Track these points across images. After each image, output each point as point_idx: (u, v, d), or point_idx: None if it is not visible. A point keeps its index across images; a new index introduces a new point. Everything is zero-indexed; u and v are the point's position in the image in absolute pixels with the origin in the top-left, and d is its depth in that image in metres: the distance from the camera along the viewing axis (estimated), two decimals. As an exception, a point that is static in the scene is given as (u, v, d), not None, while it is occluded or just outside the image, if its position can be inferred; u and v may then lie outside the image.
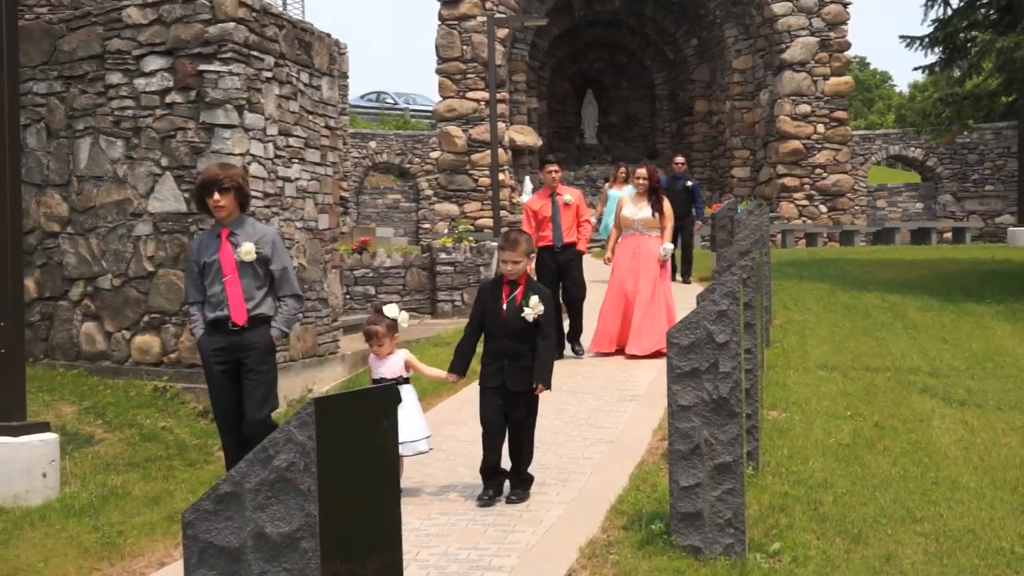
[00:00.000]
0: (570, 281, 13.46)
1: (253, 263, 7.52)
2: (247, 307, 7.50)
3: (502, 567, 6.36)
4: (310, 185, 13.11)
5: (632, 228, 13.77)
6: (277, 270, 7.68)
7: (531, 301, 7.49)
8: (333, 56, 13.94)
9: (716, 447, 6.37)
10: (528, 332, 7.57)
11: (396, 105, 55.11)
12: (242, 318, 7.50)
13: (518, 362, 7.56)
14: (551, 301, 7.90)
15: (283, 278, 7.70)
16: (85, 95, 12.31)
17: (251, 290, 7.54)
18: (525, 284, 7.67)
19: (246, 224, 7.69)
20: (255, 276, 7.57)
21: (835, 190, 32.95)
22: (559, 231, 13.31)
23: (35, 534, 7.55)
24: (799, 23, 32.68)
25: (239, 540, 2.77)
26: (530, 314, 7.47)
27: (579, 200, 13.72)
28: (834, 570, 6.29)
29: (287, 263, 7.78)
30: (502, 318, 7.59)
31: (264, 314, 7.65)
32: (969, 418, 10.65)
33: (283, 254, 7.80)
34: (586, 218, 13.76)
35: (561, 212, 13.35)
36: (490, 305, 7.71)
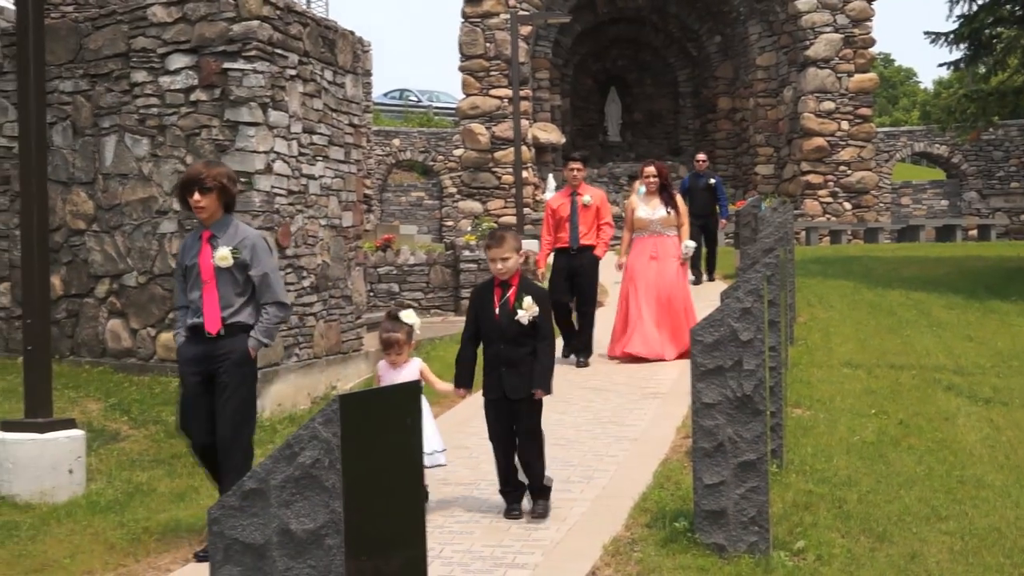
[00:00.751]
0: (581, 289, 13.00)
1: (231, 269, 6.96)
2: (223, 315, 6.93)
3: (526, 564, 6.37)
4: (334, 183, 13.12)
5: (649, 229, 13.31)
6: (257, 276, 7.03)
7: (524, 303, 7.09)
8: (357, 54, 13.96)
9: (740, 445, 6.36)
10: (525, 336, 7.18)
11: (419, 103, 55.22)
12: (215, 326, 6.92)
13: (516, 368, 7.17)
14: (548, 300, 7.52)
15: (264, 284, 7.05)
16: (111, 93, 12.36)
17: (229, 297, 6.99)
18: (518, 284, 7.26)
19: (229, 227, 7.10)
20: (234, 282, 7.00)
21: (859, 187, 32.82)
22: (575, 232, 12.81)
23: (61, 530, 7.59)
24: (823, 20, 32.57)
25: (264, 537, 2.78)
26: (524, 316, 7.08)
27: (601, 201, 13.14)
28: (859, 568, 6.27)
29: (269, 268, 7.14)
30: (496, 322, 7.22)
31: (242, 323, 7.02)
32: (995, 416, 10.61)
33: (265, 259, 7.14)
34: (607, 220, 13.11)
35: (580, 213, 12.84)
36: (483, 309, 7.34)
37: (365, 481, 2.80)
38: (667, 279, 13.07)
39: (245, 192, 11.49)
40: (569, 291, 12.91)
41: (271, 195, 11.72)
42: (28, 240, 8.65)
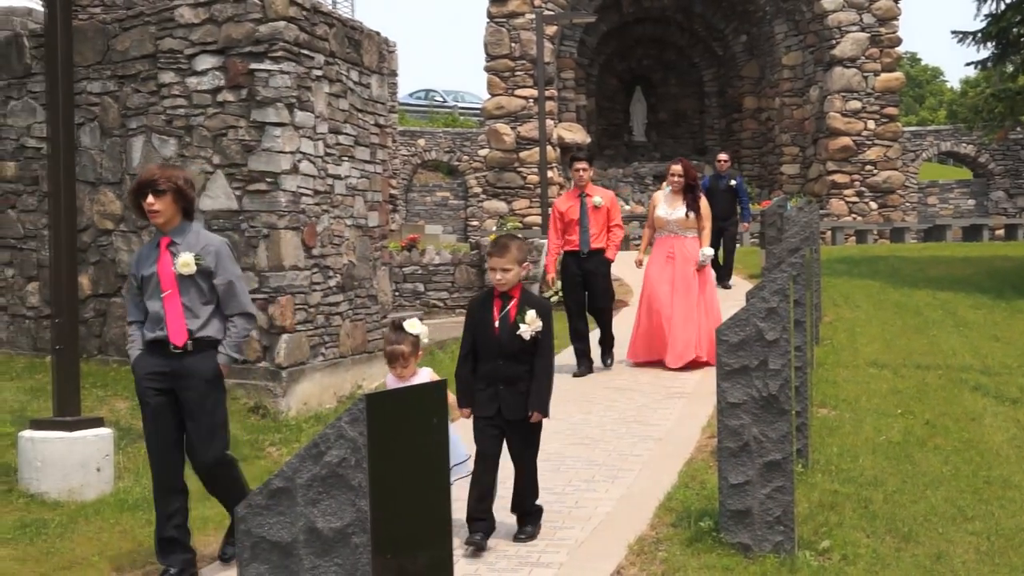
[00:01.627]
0: (596, 291, 12.46)
1: (195, 277, 6.39)
2: (189, 327, 6.38)
3: (551, 563, 6.38)
4: (360, 183, 13.16)
5: (667, 229, 12.76)
6: (222, 284, 6.48)
7: (527, 316, 6.58)
8: (382, 54, 13.99)
9: (766, 444, 6.36)
10: (525, 352, 6.67)
11: (445, 103, 55.28)
12: (181, 339, 6.35)
13: (515, 387, 6.67)
14: (550, 315, 6.83)
15: (229, 294, 6.50)
16: (138, 94, 12.42)
17: (195, 308, 6.42)
18: (520, 297, 6.74)
19: (189, 233, 6.57)
20: (199, 292, 6.45)
21: (886, 187, 32.72)
22: (586, 235, 12.24)
23: (90, 528, 7.63)
24: (849, 19, 32.48)
25: (291, 535, 2.79)
26: (527, 331, 6.57)
27: (611, 203, 12.54)
28: (884, 568, 6.26)
29: (234, 276, 6.57)
30: (494, 337, 6.68)
31: (210, 337, 6.47)
32: (1022, 417, 10.55)
33: (230, 266, 6.56)
34: (617, 222, 12.52)
35: (590, 215, 12.27)
36: (481, 323, 6.78)
37: (391, 480, 2.81)
38: (683, 282, 12.55)
39: (271, 192, 11.55)
40: (582, 297, 12.51)
41: (297, 195, 11.76)
42: (57, 240, 8.70)
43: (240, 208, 11.73)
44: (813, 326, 11.63)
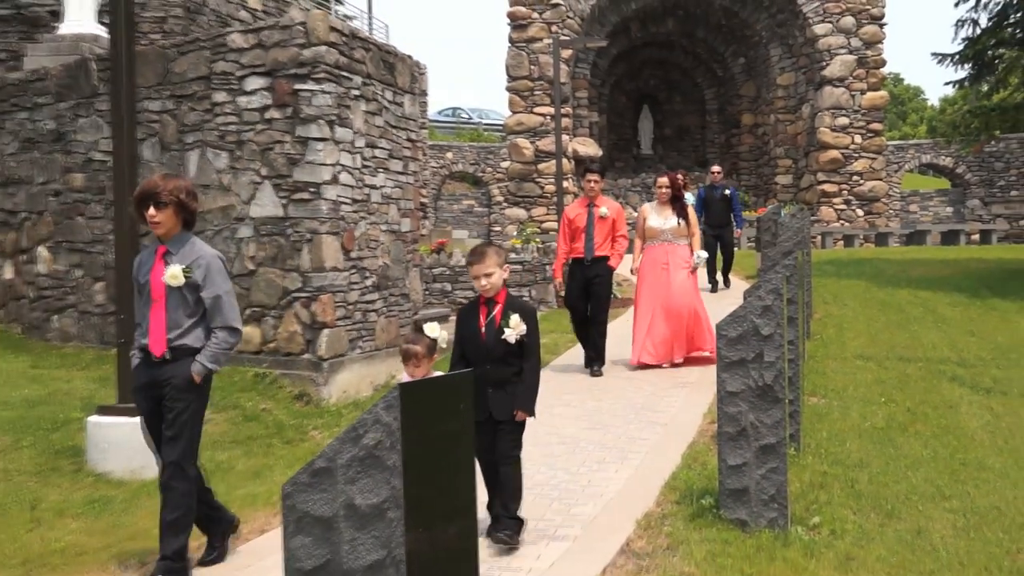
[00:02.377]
0: (594, 298, 11.97)
1: (182, 289, 5.98)
2: (168, 336, 5.97)
3: (566, 536, 6.39)
4: (394, 192, 13.17)
5: (660, 238, 12.32)
6: (208, 298, 6.04)
7: (511, 321, 6.22)
8: (414, 75, 14.00)
9: (761, 429, 6.36)
10: (512, 355, 6.31)
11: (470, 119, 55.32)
12: (160, 348, 5.97)
13: (504, 389, 6.30)
14: (535, 318, 6.46)
15: (215, 307, 6.05)
16: (194, 112, 12.46)
17: (179, 318, 6.01)
18: (504, 302, 6.36)
19: (185, 244, 6.12)
20: (185, 303, 6.02)
21: (871, 196, 32.67)
22: (591, 243, 11.83)
23: (150, 503, 7.66)
24: (838, 42, 32.43)
25: (332, 510, 2.80)
26: (511, 335, 6.21)
27: (617, 214, 12.08)
28: (869, 542, 6.25)
29: (222, 291, 6.10)
30: (481, 342, 6.31)
31: (189, 346, 6.02)
32: (995, 404, 10.53)
33: (219, 281, 6.10)
34: (622, 232, 12.08)
35: (596, 224, 11.86)
36: (469, 329, 6.42)
37: (422, 460, 2.83)
38: (676, 287, 12.15)
39: (314, 201, 11.58)
40: (586, 304, 12.04)
41: (337, 203, 11.78)
42: (121, 244, 8.75)
43: (286, 215, 11.76)
44: (804, 322, 11.60)
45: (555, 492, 7.34)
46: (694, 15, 35.92)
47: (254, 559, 6.38)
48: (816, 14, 32.47)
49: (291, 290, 11.73)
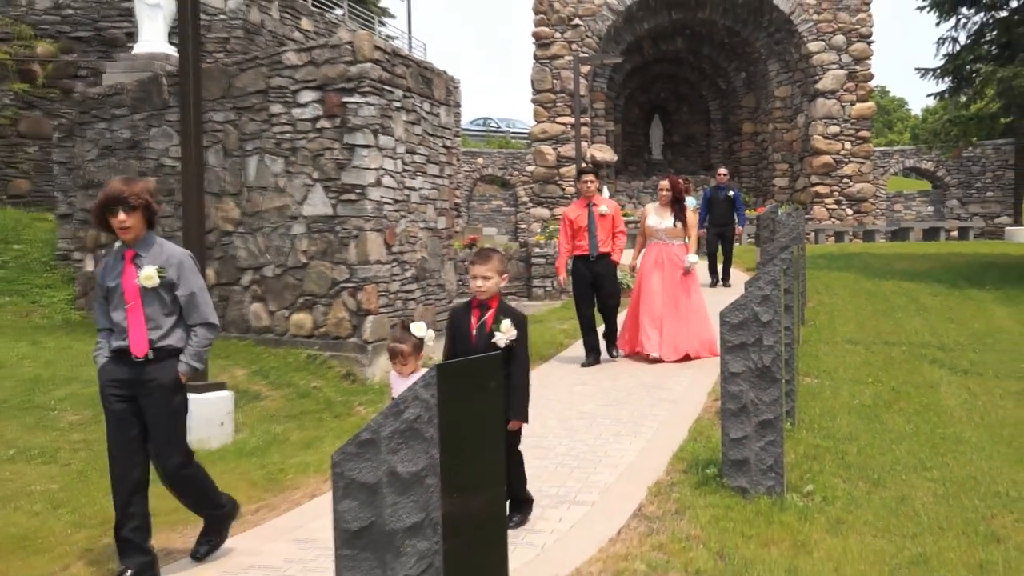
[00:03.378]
0: (604, 291, 11.51)
1: (158, 289, 5.45)
2: (151, 337, 5.43)
3: (585, 501, 6.39)
4: (431, 193, 13.18)
5: (656, 237, 11.79)
6: (184, 296, 5.52)
7: (503, 326, 5.73)
8: (449, 89, 13.99)
9: (760, 406, 6.34)
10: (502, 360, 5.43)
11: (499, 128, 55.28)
12: (142, 349, 5.42)
13: None
14: (526, 326, 5.94)
15: (191, 304, 5.54)
16: (253, 122, 12.50)
17: (157, 318, 5.47)
18: (497, 307, 5.85)
19: (153, 245, 5.56)
20: (162, 303, 5.48)
21: (859, 196, 32.52)
22: (595, 241, 11.33)
23: (214, 471, 7.67)
24: (830, 59, 32.26)
25: (376, 477, 2.81)
26: (501, 339, 5.70)
27: (615, 211, 11.56)
28: (857, 508, 6.24)
29: (196, 288, 5.59)
30: (471, 345, 5.80)
31: (172, 346, 5.50)
32: (971, 384, 10.47)
33: (192, 278, 5.59)
34: (621, 229, 11.58)
35: (597, 222, 11.36)
36: (460, 331, 5.92)
37: (457, 433, 2.83)
38: (670, 285, 11.56)
39: (360, 201, 11.59)
40: (593, 299, 11.57)
41: (380, 203, 11.80)
42: (188, 240, 8.79)
43: (335, 214, 11.79)
44: (799, 310, 11.56)
45: (575, 462, 7.35)
46: (700, 34, 35.78)
47: (306, 520, 6.42)
48: (810, 33, 32.31)
49: (339, 281, 11.77)
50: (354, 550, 2.85)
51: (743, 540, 5.58)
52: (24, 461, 7.83)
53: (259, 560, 5.66)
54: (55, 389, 9.83)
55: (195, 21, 8.71)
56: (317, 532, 6.08)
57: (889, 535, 5.79)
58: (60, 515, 6.68)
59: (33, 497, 7.05)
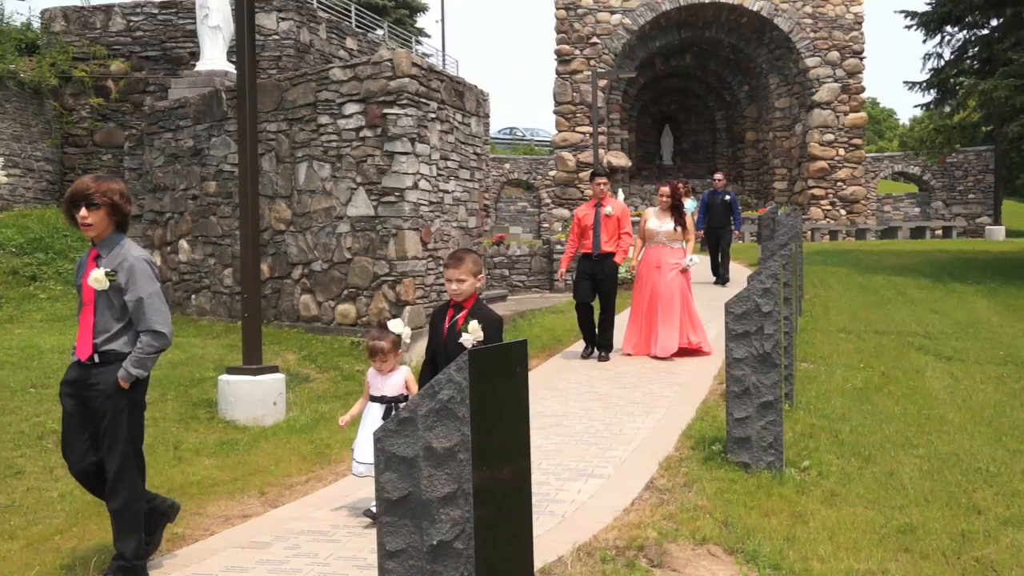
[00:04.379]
0: (603, 291, 10.69)
1: (108, 292, 4.77)
2: (95, 341, 4.77)
3: (602, 474, 6.38)
4: (462, 195, 13.20)
5: (656, 240, 11.06)
6: (131, 301, 4.76)
7: (470, 327, 5.22)
8: (479, 101, 13.99)
9: (761, 389, 6.32)
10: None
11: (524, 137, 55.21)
12: (85, 352, 4.79)
13: None
14: (499, 328, 5.39)
15: (138, 310, 4.77)
16: (303, 132, 12.54)
17: (107, 322, 4.79)
18: (470, 308, 5.36)
19: (115, 247, 4.85)
20: (111, 307, 4.79)
21: (852, 198, 32.37)
22: (598, 240, 10.62)
23: (268, 445, 7.75)
24: (826, 73, 32.09)
25: (413, 452, 2.82)
26: (468, 340, 5.18)
27: (622, 213, 10.84)
28: (850, 482, 6.21)
29: (145, 293, 4.80)
30: (443, 343, 5.38)
31: (117, 351, 4.78)
32: (954, 370, 10.39)
33: (143, 283, 4.80)
34: (626, 230, 10.81)
35: (602, 222, 10.65)
36: (435, 331, 5.48)
37: (486, 412, 2.83)
38: (668, 286, 10.77)
39: (398, 203, 11.63)
40: (591, 293, 10.78)
41: (417, 205, 11.82)
42: (245, 238, 8.84)
43: (376, 214, 11.82)
44: (797, 302, 11.49)
45: (592, 439, 7.34)
46: (707, 51, 35.63)
47: (350, 490, 6.43)
48: (807, 50, 32.12)
49: (380, 275, 11.80)
50: (394, 517, 2.86)
51: (745, 510, 5.57)
52: (99, 436, 7.90)
53: (308, 525, 5.68)
54: (126, 372, 9.91)
55: (251, 42, 8.74)
56: (361, 501, 6.10)
57: (879, 507, 5.76)
58: (131, 484, 6.74)
59: (107, 468, 7.11)
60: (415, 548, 2.83)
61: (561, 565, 4.79)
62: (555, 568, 4.75)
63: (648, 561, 4.88)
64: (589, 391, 9.20)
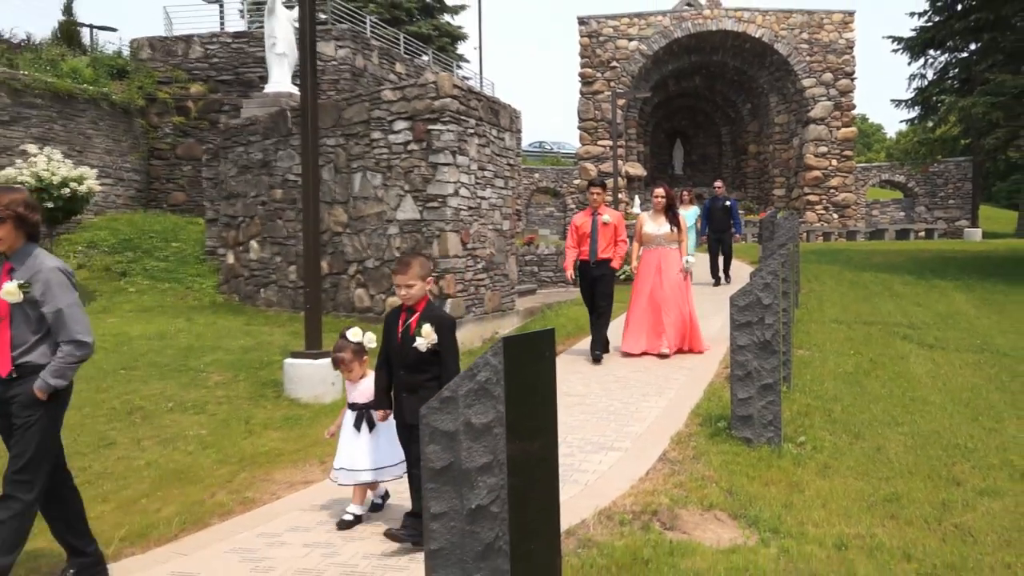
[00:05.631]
0: (600, 294, 9.85)
1: (23, 305, 4.19)
2: (12, 355, 4.19)
3: (620, 448, 6.37)
4: (497, 201, 13.19)
5: (655, 243, 10.09)
6: (50, 313, 4.18)
7: (423, 330, 4.59)
8: (512, 118, 13.97)
9: (762, 373, 6.27)
10: (425, 363, 4.61)
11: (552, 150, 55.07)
12: (4, 369, 4.19)
13: (416, 394, 4.61)
14: (453, 329, 4.73)
15: (57, 321, 4.19)
16: (358, 145, 12.59)
17: (24, 335, 4.21)
18: (422, 311, 4.69)
19: (28, 258, 4.25)
20: (27, 319, 4.21)
21: (843, 204, 32.07)
22: (595, 247, 9.79)
23: (327, 420, 7.77)
24: (820, 92, 31.80)
25: (455, 426, 2.82)
26: (422, 344, 4.57)
27: (618, 221, 10.01)
28: (841, 455, 6.16)
29: (64, 304, 4.20)
30: (397, 347, 4.71)
31: (33, 363, 4.20)
32: (936, 356, 10.27)
33: (60, 294, 4.21)
34: (622, 237, 10.00)
35: (599, 230, 9.81)
36: (389, 334, 4.79)
37: (518, 392, 2.82)
38: (669, 287, 9.96)
39: (441, 208, 11.64)
40: (591, 297, 9.99)
41: (457, 210, 11.84)
42: (307, 239, 8.88)
43: (422, 218, 11.85)
44: (794, 295, 11.40)
45: (612, 416, 7.32)
46: (714, 73, 35.39)
47: (399, 460, 6.45)
48: (804, 72, 31.83)
49: (425, 271, 11.82)
50: (438, 483, 2.86)
51: (748, 480, 5.53)
52: (180, 412, 7.99)
53: (362, 491, 5.71)
54: (204, 355, 10.02)
55: (313, 67, 8.78)
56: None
57: (867, 478, 5.71)
58: (208, 454, 6.80)
59: (187, 440, 7.19)
60: (456, 511, 2.83)
61: (584, 527, 4.78)
62: (579, 529, 4.74)
63: (661, 524, 4.86)
64: (608, 374, 9.17)
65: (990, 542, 4.73)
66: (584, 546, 4.53)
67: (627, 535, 4.65)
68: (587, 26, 32.71)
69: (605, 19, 32.65)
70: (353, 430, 5.18)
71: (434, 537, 2.86)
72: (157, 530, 5.14)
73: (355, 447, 5.13)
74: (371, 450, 5.12)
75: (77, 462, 6.56)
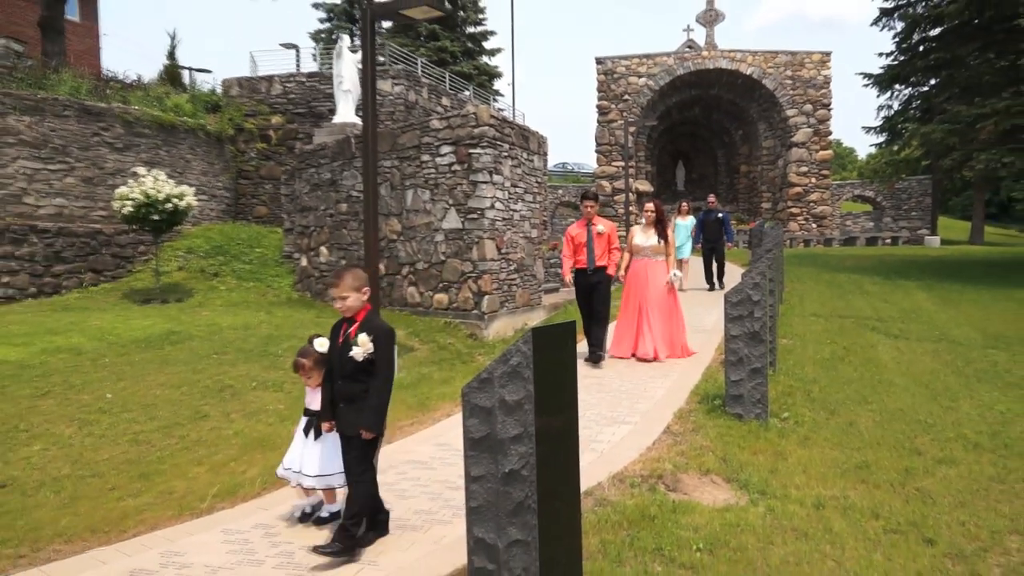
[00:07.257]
0: (598, 300, 8.92)
1: None
2: None
3: (629, 421, 6.34)
4: (527, 213, 13.18)
5: (642, 254, 9.26)
6: None
7: (359, 339, 4.00)
8: (540, 143, 13.95)
9: (752, 358, 6.21)
10: (362, 372, 4.01)
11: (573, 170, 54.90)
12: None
13: (353, 404, 4.03)
14: (390, 339, 4.07)
15: None
16: (410, 167, 12.64)
17: None
18: (360, 322, 4.11)
19: None
20: None
21: (821, 215, 31.68)
22: (592, 256, 8.91)
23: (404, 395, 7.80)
24: (802, 120, 31.43)
25: (491, 403, 2.82)
26: (358, 353, 3.98)
27: (611, 230, 9.03)
28: (819, 429, 6.09)
29: None
30: (336, 356, 4.12)
31: None
32: (900, 346, 10.12)
33: None
34: (616, 246, 9.07)
35: (594, 240, 8.93)
36: (332, 345, 4.22)
37: (545, 374, 2.82)
38: (656, 296, 9.09)
39: (480, 219, 11.65)
40: (588, 303, 9.06)
41: (493, 220, 11.84)
42: (368, 245, 8.92)
43: (463, 228, 11.86)
44: (779, 293, 11.27)
45: (623, 395, 7.29)
46: (711, 104, 35.08)
47: (444, 431, 6.48)
48: (788, 103, 31.49)
49: (466, 272, 11.85)
50: (476, 452, 2.87)
51: (739, 450, 5.49)
52: (262, 390, 8.07)
53: (412, 456, 5.74)
54: (282, 342, 10.11)
55: (373, 101, 8.82)
56: (452, 439, 6.14)
57: (841, 448, 5.64)
58: (285, 426, 6.87)
59: (268, 413, 7.26)
60: (492, 474, 2.84)
61: (600, 489, 4.77)
62: (596, 491, 4.73)
63: (665, 486, 4.84)
64: (619, 360, 9.12)
65: (946, 503, 4.66)
66: (600, 504, 4.52)
67: (636, 495, 4.63)
68: (603, 65, 32.60)
69: (619, 59, 32.52)
70: (303, 435, 4.58)
71: (474, 496, 2.87)
72: (243, 488, 5.20)
73: (304, 452, 4.51)
74: (318, 457, 4.42)
75: (177, 431, 6.65)
